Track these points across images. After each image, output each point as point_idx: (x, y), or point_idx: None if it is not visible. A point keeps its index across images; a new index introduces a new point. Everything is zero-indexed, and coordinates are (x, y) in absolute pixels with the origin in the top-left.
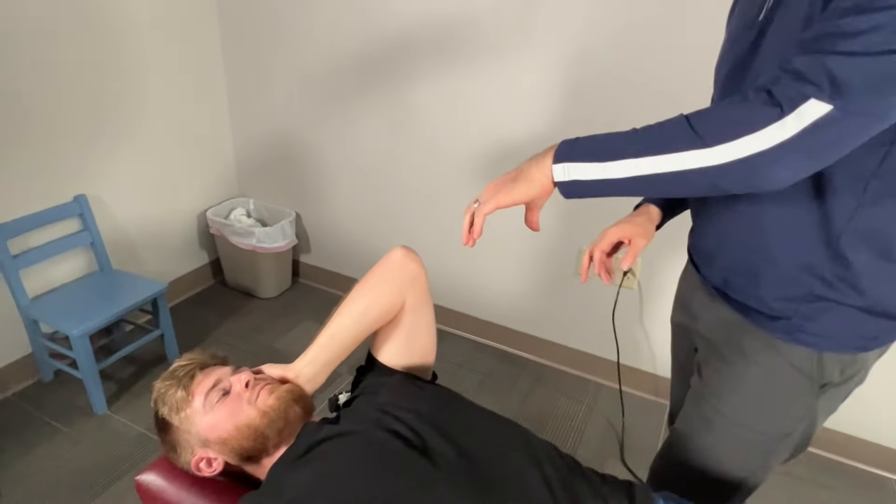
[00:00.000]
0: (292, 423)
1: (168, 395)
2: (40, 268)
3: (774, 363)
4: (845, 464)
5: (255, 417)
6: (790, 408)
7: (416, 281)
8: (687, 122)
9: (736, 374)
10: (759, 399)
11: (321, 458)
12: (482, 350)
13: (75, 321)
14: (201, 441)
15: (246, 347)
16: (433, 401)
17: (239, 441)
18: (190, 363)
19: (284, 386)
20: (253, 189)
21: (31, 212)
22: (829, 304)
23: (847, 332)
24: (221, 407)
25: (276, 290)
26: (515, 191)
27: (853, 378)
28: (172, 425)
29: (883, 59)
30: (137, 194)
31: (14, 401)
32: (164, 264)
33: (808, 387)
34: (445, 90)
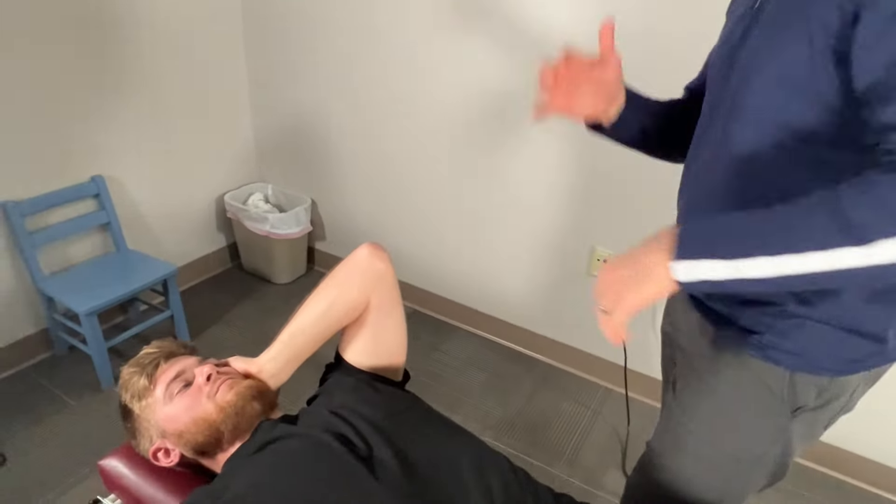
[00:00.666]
0: (248, 419)
1: (131, 383)
2: (57, 246)
3: (745, 380)
4: (860, 487)
5: (211, 412)
6: (760, 429)
7: (381, 279)
8: (838, 208)
9: (706, 389)
10: (728, 418)
11: (266, 460)
12: (490, 347)
13: (84, 299)
14: (159, 431)
15: (255, 331)
16: (388, 407)
17: (194, 435)
18: (157, 351)
19: (245, 381)
20: (272, 174)
21: (48, 191)
22: (801, 321)
23: (821, 352)
24: (181, 399)
25: (291, 276)
26: (643, 293)
27: (831, 403)
28: (133, 412)
29: None
30: (156, 176)
31: (29, 373)
32: (181, 246)
33: (779, 408)
34: (470, 78)
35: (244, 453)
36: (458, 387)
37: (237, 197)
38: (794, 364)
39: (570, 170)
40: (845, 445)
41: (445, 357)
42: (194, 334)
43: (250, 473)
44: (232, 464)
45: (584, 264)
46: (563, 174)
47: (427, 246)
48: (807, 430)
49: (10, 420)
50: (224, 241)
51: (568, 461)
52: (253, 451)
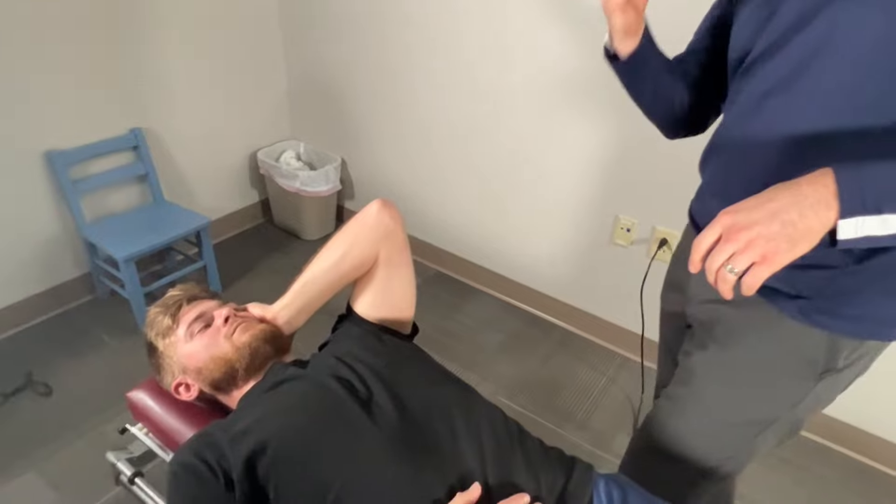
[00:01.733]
0: (261, 360)
1: (156, 322)
2: (98, 195)
3: (775, 346)
4: (880, 471)
5: (228, 351)
6: (783, 392)
7: (390, 235)
8: None
9: (729, 356)
10: (751, 382)
11: (274, 398)
12: (510, 311)
13: (123, 246)
14: (181, 367)
15: (283, 285)
16: (390, 357)
17: (211, 371)
18: (181, 294)
19: (260, 325)
20: (304, 133)
21: (89, 142)
22: (857, 286)
23: (867, 317)
24: (201, 338)
25: (319, 233)
26: (796, 251)
27: (856, 364)
28: (158, 349)
29: None
30: (192, 131)
31: (73, 313)
32: (215, 200)
33: (808, 371)
34: (506, 48)
35: (256, 392)
36: (475, 346)
37: (270, 154)
38: (839, 327)
39: (595, 139)
40: (853, 421)
41: (464, 318)
42: (225, 285)
43: (259, 410)
44: (245, 401)
45: (608, 233)
46: (588, 143)
47: (452, 209)
48: (829, 391)
49: (55, 355)
50: (256, 197)
51: (579, 424)
52: (264, 390)
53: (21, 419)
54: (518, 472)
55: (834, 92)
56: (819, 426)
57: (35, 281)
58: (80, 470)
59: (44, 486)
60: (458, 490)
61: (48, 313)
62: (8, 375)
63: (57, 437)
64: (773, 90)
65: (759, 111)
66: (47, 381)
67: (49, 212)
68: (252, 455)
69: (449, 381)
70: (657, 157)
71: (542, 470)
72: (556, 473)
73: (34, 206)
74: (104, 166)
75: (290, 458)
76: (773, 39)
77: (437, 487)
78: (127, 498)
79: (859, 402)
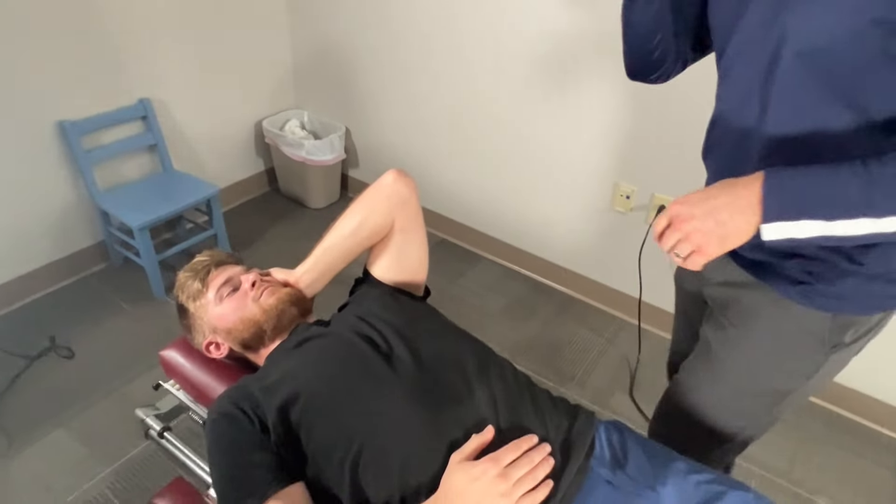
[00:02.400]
0: (287, 321)
1: (187, 285)
2: (110, 165)
3: (786, 325)
4: (862, 424)
5: (256, 313)
6: (798, 367)
7: (405, 203)
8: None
9: (745, 335)
10: (768, 359)
11: (302, 353)
12: (512, 276)
13: (137, 215)
14: (211, 328)
15: (292, 252)
16: (407, 315)
17: (241, 332)
18: (208, 259)
19: (285, 289)
20: (308, 102)
21: (100, 112)
22: (852, 271)
23: (866, 296)
24: (230, 301)
25: (325, 202)
26: (725, 246)
27: (865, 337)
28: (189, 311)
29: None
30: (198, 100)
31: (89, 280)
32: (222, 169)
33: (818, 348)
34: (507, 15)
35: (283, 349)
36: (479, 310)
37: (274, 123)
38: (840, 307)
39: (597, 106)
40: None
41: (469, 283)
42: (236, 252)
43: (289, 364)
44: (273, 357)
45: (608, 200)
46: (589, 111)
47: (454, 177)
48: (840, 363)
49: (75, 321)
50: (262, 166)
51: (579, 383)
52: (291, 347)
53: (47, 381)
54: (527, 417)
55: (799, 91)
56: None
57: (51, 249)
58: (107, 427)
59: (74, 442)
60: (473, 433)
61: (64, 281)
62: (30, 340)
63: (82, 397)
64: (750, 92)
65: (742, 111)
66: (70, 346)
67: (63, 181)
68: (285, 404)
69: (462, 336)
70: (656, 126)
71: (549, 416)
72: (561, 419)
73: (48, 176)
74: (115, 136)
75: (321, 407)
76: (742, 40)
77: (454, 430)
78: (154, 451)
79: None
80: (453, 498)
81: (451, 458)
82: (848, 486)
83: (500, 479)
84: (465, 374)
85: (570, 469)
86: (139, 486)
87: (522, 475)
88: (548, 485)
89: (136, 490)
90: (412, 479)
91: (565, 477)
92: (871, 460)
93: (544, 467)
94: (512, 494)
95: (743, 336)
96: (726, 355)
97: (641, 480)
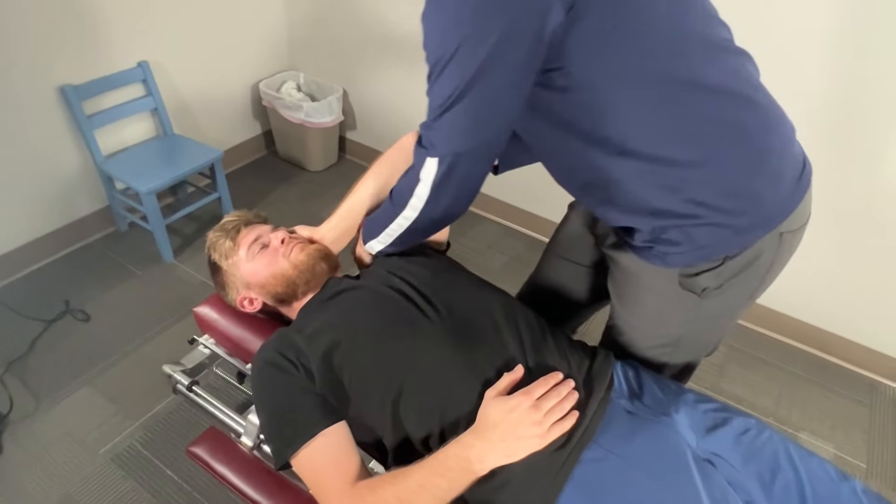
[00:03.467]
0: (318, 276)
1: (218, 244)
2: (111, 129)
3: (653, 279)
4: (840, 366)
5: (287, 269)
6: (676, 314)
7: None
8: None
9: (629, 293)
10: (649, 309)
11: (338, 304)
12: (512, 235)
13: (144, 180)
14: (244, 284)
15: (296, 214)
16: (434, 267)
17: (274, 286)
18: (237, 219)
19: (313, 245)
20: (304, 63)
21: (100, 76)
22: (661, 230)
23: (678, 254)
24: (261, 257)
25: (323, 165)
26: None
27: (736, 277)
28: (222, 269)
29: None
30: (195, 62)
31: (97, 246)
32: (220, 132)
33: (684, 296)
34: None
35: (317, 301)
36: (480, 268)
37: (271, 85)
38: (674, 261)
39: None
40: (815, 322)
41: (470, 242)
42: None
43: (327, 314)
44: (307, 309)
45: None
46: None
47: None
48: (723, 305)
49: (87, 286)
50: (259, 129)
51: (579, 335)
52: (325, 299)
53: (66, 343)
54: (552, 356)
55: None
56: (787, 328)
57: (57, 216)
58: (131, 384)
59: (101, 399)
60: (504, 372)
61: (71, 246)
62: (45, 305)
63: (103, 357)
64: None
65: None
66: (84, 309)
67: (66, 147)
68: (328, 351)
69: (486, 286)
70: None
71: (571, 355)
72: (582, 358)
73: (51, 141)
74: (115, 100)
75: (361, 351)
76: None
77: (487, 369)
78: (178, 405)
79: (821, 304)
80: (491, 428)
81: (486, 393)
82: (828, 422)
83: (533, 410)
84: (493, 319)
85: (594, 401)
86: (166, 438)
87: (552, 406)
88: (574, 415)
89: (164, 442)
90: (450, 415)
91: (589, 408)
92: (849, 398)
93: (571, 399)
94: (544, 423)
95: (627, 293)
96: (623, 309)
97: (657, 408)
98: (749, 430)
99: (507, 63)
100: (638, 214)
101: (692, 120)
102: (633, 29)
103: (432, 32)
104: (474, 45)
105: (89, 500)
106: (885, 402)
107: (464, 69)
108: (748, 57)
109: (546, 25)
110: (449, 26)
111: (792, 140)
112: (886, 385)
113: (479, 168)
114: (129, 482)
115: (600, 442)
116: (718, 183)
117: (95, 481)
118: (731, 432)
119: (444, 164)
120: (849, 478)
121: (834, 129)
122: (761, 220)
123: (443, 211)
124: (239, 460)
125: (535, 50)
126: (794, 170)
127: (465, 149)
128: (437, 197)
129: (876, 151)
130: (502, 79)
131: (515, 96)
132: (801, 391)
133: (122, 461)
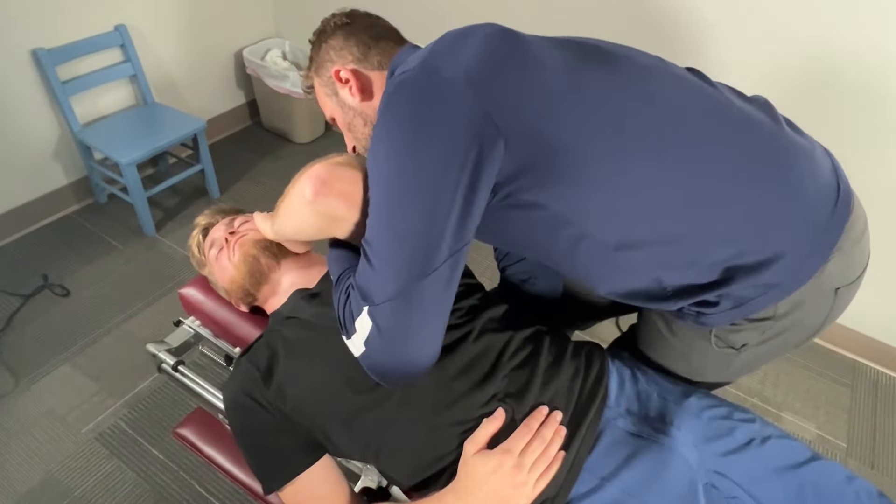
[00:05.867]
0: (262, 274)
1: (195, 258)
2: (88, 96)
3: (690, 338)
4: (824, 347)
5: (233, 273)
6: (706, 366)
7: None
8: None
9: (653, 340)
10: (677, 355)
11: (296, 348)
12: None
13: (124, 150)
14: (222, 289)
15: (279, 189)
16: None
17: (235, 291)
18: (199, 230)
19: (248, 238)
20: (288, 30)
21: (75, 39)
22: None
23: (714, 319)
24: (218, 264)
25: (310, 136)
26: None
27: (774, 333)
28: (203, 275)
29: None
30: (175, 26)
31: (75, 218)
32: (202, 101)
33: (719, 351)
34: None
35: (279, 317)
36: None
37: (255, 53)
38: (714, 321)
39: None
40: None
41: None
42: (223, 188)
43: (288, 365)
44: (272, 326)
45: None
46: None
47: None
48: (762, 356)
49: (65, 259)
50: (243, 98)
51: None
52: (284, 317)
53: (44, 319)
54: (536, 382)
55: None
56: None
57: (32, 186)
58: (113, 362)
59: (83, 377)
60: (483, 416)
61: (48, 218)
62: (21, 279)
63: (83, 334)
64: None
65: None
66: (63, 283)
67: (40, 114)
68: (298, 415)
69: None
70: None
71: (564, 373)
72: (578, 369)
73: (24, 108)
74: (92, 65)
75: (336, 428)
76: None
77: (470, 410)
78: (163, 384)
79: None
80: (473, 491)
81: (466, 446)
82: (811, 402)
83: (517, 471)
84: (473, 347)
85: (582, 429)
86: (151, 417)
87: (536, 458)
88: (561, 456)
89: (148, 421)
90: (433, 467)
91: (576, 438)
92: (831, 379)
93: (557, 441)
94: (528, 482)
95: (653, 342)
96: (645, 349)
97: (656, 424)
98: (753, 439)
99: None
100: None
101: (684, 194)
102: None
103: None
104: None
105: (72, 480)
106: (865, 382)
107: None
108: (756, 107)
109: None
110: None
111: (813, 172)
112: (867, 366)
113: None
114: (114, 461)
115: (593, 470)
116: (734, 240)
117: (79, 460)
118: (734, 443)
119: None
120: (855, 478)
121: None
122: (794, 266)
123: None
124: (227, 441)
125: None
126: (823, 201)
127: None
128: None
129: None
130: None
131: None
132: (785, 372)
133: (106, 440)
